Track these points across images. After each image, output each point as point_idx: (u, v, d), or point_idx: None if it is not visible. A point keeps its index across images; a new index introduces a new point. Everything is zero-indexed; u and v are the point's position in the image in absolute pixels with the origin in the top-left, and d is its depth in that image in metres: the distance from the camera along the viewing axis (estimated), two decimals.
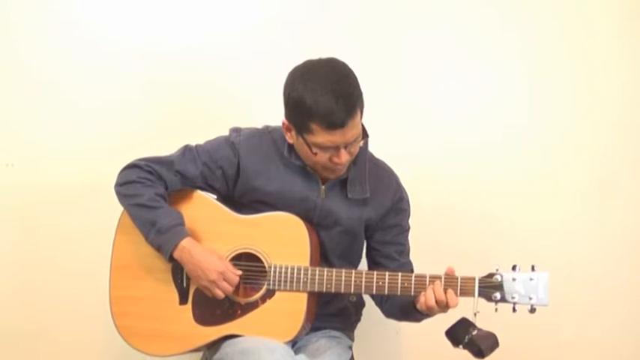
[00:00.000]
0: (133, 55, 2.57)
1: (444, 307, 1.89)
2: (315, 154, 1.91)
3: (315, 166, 1.98)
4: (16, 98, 2.58)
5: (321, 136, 1.87)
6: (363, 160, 2.04)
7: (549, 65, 2.61)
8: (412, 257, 2.13)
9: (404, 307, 2.03)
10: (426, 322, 2.05)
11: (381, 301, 2.12)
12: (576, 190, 2.62)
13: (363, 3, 2.60)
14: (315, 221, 2.03)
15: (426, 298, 1.89)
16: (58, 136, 2.57)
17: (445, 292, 1.88)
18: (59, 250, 2.58)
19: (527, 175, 2.62)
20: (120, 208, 2.04)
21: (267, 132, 2.07)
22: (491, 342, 1.81)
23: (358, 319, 2.23)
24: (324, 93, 1.83)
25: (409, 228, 2.14)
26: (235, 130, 2.08)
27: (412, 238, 2.15)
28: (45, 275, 2.59)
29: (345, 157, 1.91)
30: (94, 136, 2.58)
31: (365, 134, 1.99)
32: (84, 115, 2.58)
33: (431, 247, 2.32)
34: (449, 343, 1.90)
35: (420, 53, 2.59)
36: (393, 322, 2.41)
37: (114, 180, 2.04)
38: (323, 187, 2.02)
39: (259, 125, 2.10)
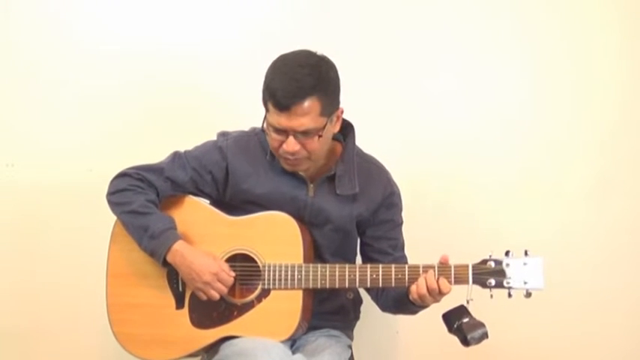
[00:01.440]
0: (134, 56, 2.59)
1: (436, 295, 1.88)
2: (266, 133, 1.94)
3: (275, 154, 1.98)
4: (16, 98, 2.60)
5: (272, 116, 1.90)
6: (351, 156, 2.03)
7: (549, 64, 2.59)
8: (409, 255, 2.12)
9: (398, 299, 2.02)
10: (425, 322, 2.05)
11: (377, 295, 2.12)
12: (576, 189, 2.60)
13: (362, 3, 2.59)
14: (306, 220, 2.03)
15: (418, 287, 1.88)
16: (58, 136, 2.59)
17: (437, 280, 1.87)
18: (59, 250, 2.59)
19: (526, 174, 2.60)
20: None
21: (255, 134, 2.07)
22: (479, 332, 1.80)
23: (357, 318, 2.22)
24: (281, 72, 1.88)
25: (402, 222, 2.13)
26: (223, 135, 2.09)
27: (409, 235, 2.14)
28: (44, 275, 2.60)
29: (292, 147, 1.90)
30: (94, 136, 2.59)
31: (349, 130, 2.01)
32: (84, 115, 2.59)
33: (429, 246, 2.27)
34: (447, 343, 1.89)
35: (418, 50, 2.59)
36: (392, 322, 2.42)
37: None
38: (311, 185, 2.02)
39: (249, 127, 2.11)
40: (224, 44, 2.60)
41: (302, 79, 1.85)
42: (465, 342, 1.80)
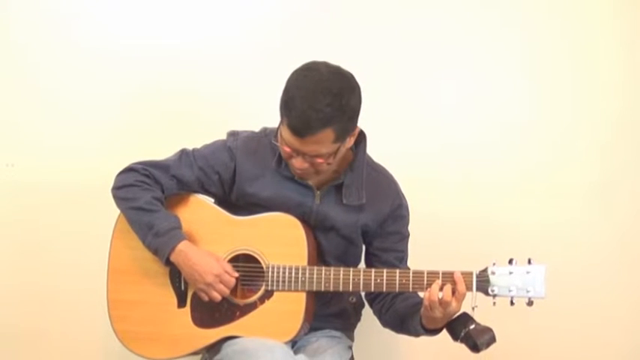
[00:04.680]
0: (134, 55, 2.58)
1: (445, 306, 1.85)
2: (278, 142, 1.92)
3: (285, 161, 1.97)
4: (16, 98, 2.59)
5: (285, 132, 1.87)
6: (360, 166, 2.01)
7: (549, 65, 2.60)
8: (410, 257, 2.13)
9: (405, 318, 2.01)
10: None
11: (381, 310, 2.10)
12: (576, 190, 2.61)
13: (362, 4, 2.60)
14: (311, 224, 2.02)
15: (430, 293, 1.86)
16: (59, 136, 2.59)
17: (452, 294, 1.85)
18: (59, 251, 2.59)
19: (526, 176, 2.61)
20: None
21: (265, 135, 2.06)
22: (487, 337, 1.81)
23: (358, 320, 2.23)
24: (302, 95, 1.81)
25: (409, 235, 2.12)
26: (232, 134, 2.07)
27: (410, 238, 2.14)
28: (45, 276, 2.59)
29: (300, 165, 1.90)
30: (95, 136, 2.59)
31: (361, 139, 1.99)
32: (84, 115, 2.59)
33: (429, 248, 2.30)
34: (448, 343, 1.90)
35: (418, 53, 2.59)
36: None
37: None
38: (318, 192, 2.01)
39: (256, 127, 2.10)
40: (227, 44, 2.60)
41: (321, 110, 1.80)
42: (475, 348, 1.80)
